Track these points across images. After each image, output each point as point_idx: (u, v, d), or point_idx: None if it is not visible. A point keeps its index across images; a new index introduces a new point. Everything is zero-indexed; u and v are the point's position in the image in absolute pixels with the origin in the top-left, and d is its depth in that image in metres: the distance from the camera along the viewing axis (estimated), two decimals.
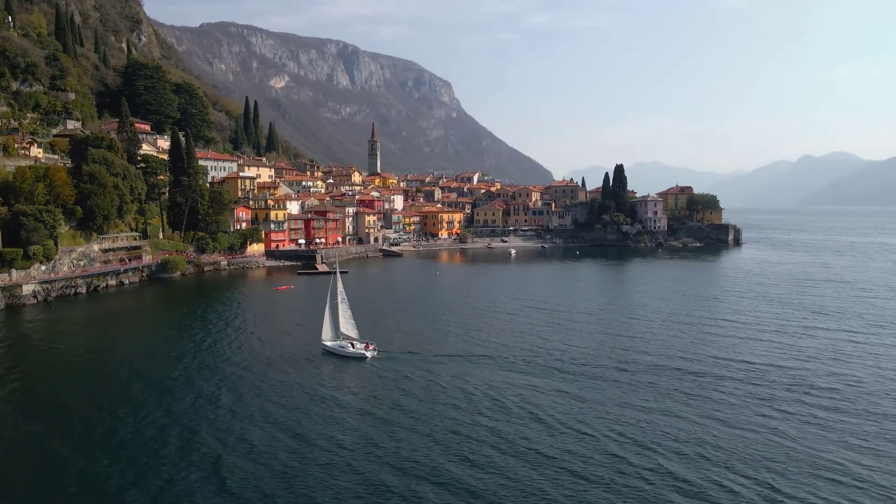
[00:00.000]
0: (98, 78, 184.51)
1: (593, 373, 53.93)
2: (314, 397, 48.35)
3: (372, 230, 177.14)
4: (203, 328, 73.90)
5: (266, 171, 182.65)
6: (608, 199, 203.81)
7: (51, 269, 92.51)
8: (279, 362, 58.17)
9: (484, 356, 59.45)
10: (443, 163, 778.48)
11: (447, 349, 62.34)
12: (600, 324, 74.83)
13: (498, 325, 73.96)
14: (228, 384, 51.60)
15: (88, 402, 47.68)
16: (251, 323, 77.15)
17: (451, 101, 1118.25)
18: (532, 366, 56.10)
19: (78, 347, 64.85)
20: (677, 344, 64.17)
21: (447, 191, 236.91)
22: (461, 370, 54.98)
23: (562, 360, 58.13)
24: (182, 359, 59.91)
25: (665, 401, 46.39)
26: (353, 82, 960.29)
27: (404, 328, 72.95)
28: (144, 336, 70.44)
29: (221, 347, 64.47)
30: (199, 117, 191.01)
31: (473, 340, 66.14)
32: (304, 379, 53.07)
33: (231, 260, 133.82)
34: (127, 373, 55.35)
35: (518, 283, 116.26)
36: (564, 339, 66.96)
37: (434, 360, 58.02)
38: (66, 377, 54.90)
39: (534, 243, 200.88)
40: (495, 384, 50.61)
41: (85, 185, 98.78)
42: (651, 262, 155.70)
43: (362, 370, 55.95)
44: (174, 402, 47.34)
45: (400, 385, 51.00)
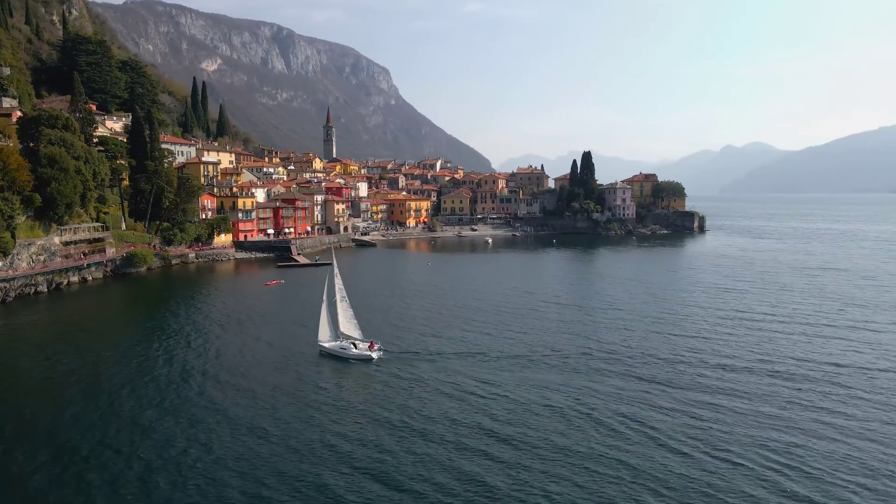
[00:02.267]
0: (32, 52, 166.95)
1: (631, 371, 50.11)
2: (317, 405, 43.11)
3: (341, 219, 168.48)
4: (194, 331, 65.20)
5: (226, 156, 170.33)
6: (577, 186, 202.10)
7: (8, 265, 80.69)
8: (275, 367, 51.88)
9: (512, 357, 54.20)
10: (382, 150, 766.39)
11: (458, 347, 57.28)
12: (633, 319, 70.71)
13: (520, 322, 68.49)
14: (221, 395, 45.25)
15: (56, 418, 41.32)
16: (246, 323, 69.08)
17: (389, 87, 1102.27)
18: (573, 365, 51.78)
19: (45, 357, 55.52)
20: (734, 343, 60.88)
21: (410, 178, 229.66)
22: (479, 371, 50.24)
23: (593, 356, 54.29)
24: (162, 367, 51.98)
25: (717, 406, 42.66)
26: (288, 67, 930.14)
27: (409, 325, 67.16)
28: (119, 342, 60.32)
29: (216, 353, 56.70)
30: (149, 97, 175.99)
31: (489, 338, 60.77)
32: (305, 386, 47.31)
33: (199, 252, 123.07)
34: (102, 385, 47.61)
35: (516, 273, 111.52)
36: (594, 335, 62.57)
37: (447, 360, 53.13)
38: (33, 391, 46.94)
39: (504, 231, 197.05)
40: (533, 387, 46.08)
41: (44, 169, 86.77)
42: (631, 250, 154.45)
43: (369, 373, 50.30)
44: (154, 419, 40.84)
45: (414, 389, 45.95)
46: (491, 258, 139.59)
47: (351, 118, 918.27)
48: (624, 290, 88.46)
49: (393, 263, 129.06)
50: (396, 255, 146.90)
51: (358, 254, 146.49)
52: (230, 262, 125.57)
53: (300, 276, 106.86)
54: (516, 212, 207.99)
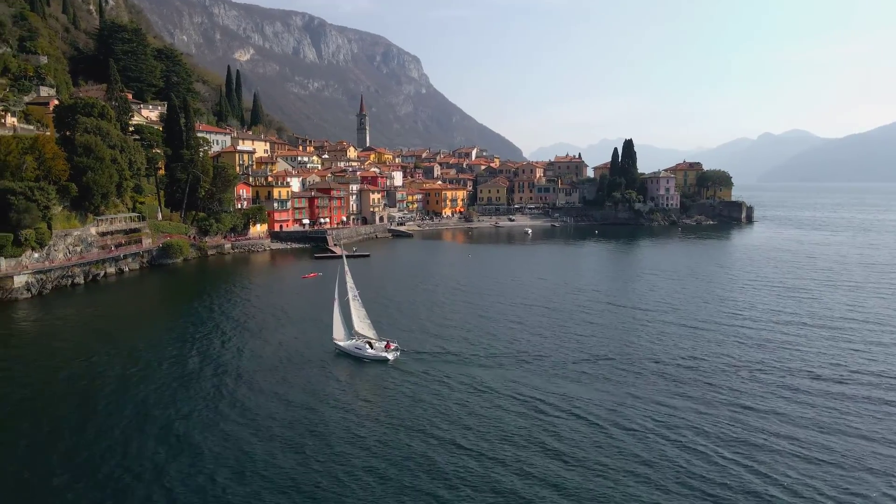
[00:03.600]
0: (69, 41, 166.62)
1: (703, 388, 44.81)
2: (326, 409, 40.63)
3: (377, 209, 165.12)
4: (227, 328, 62.33)
5: (261, 145, 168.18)
6: (618, 175, 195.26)
7: (45, 256, 78.97)
8: (290, 368, 48.90)
9: (554, 363, 49.61)
10: (413, 139, 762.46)
11: (493, 350, 52.99)
12: (694, 323, 65.59)
13: (569, 324, 63.76)
14: (240, 393, 43.59)
15: (89, 412, 40.66)
16: (279, 318, 65.98)
17: (419, 76, 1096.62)
18: (630, 373, 46.97)
19: (81, 352, 53.54)
20: (817, 356, 55.47)
21: (445, 167, 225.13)
22: (509, 376, 46.19)
23: (656, 363, 49.35)
24: (193, 369, 49.32)
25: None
26: (320, 56, 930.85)
27: (440, 324, 62.94)
28: (150, 338, 58.07)
29: (242, 352, 54.02)
30: (184, 86, 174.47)
31: (533, 341, 56.02)
32: (316, 386, 44.84)
33: (235, 243, 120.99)
34: (130, 388, 45.11)
35: (558, 267, 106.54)
36: (656, 340, 57.64)
37: (473, 363, 49.16)
38: (68, 386, 45.44)
39: (542, 222, 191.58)
40: (573, 399, 41.67)
41: (79, 158, 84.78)
42: (677, 242, 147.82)
43: (383, 375, 47.02)
44: (185, 417, 39.46)
45: (424, 400, 41.99)
46: (531, 250, 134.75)
47: (382, 107, 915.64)
48: (678, 288, 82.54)
49: (430, 255, 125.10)
50: (433, 246, 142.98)
51: (394, 245, 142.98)
52: (266, 253, 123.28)
53: (338, 268, 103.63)
54: (555, 202, 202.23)
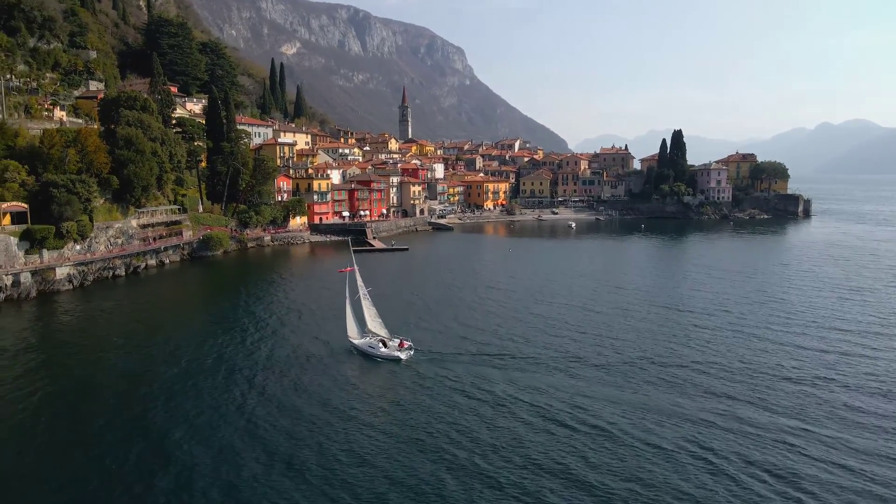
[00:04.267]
0: (118, 36, 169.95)
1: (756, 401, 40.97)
2: (325, 411, 39.32)
3: (417, 201, 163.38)
4: (261, 323, 61.61)
5: (302, 137, 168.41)
6: (666, 167, 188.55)
7: (86, 248, 79.79)
8: (306, 366, 47.90)
9: (582, 367, 46.80)
10: (457, 131, 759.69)
11: (517, 353, 50.15)
12: (749, 328, 61.36)
13: (605, 325, 60.44)
14: (253, 387, 43.53)
15: (125, 404, 41.15)
16: (307, 313, 64.93)
17: (464, 68, 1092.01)
18: (671, 384, 43.38)
19: (118, 345, 53.88)
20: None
21: (488, 159, 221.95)
22: (531, 382, 43.32)
23: (700, 373, 45.57)
24: (223, 359, 49.74)
25: None
26: (364, 49, 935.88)
27: (469, 322, 60.39)
28: (185, 333, 57.95)
29: (266, 345, 53.64)
30: (228, 79, 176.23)
31: (559, 345, 52.62)
32: (323, 387, 43.52)
33: (275, 235, 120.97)
34: (173, 374, 46.12)
35: (601, 263, 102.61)
36: (704, 347, 53.77)
37: (494, 367, 46.59)
38: (107, 377, 46.11)
39: (587, 215, 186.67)
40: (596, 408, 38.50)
41: (120, 151, 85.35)
42: (729, 237, 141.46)
43: (392, 376, 45.40)
44: (218, 408, 39.83)
45: (435, 399, 40.26)
46: (574, 245, 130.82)
47: (425, 99, 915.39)
48: (728, 288, 77.66)
49: (469, 249, 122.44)
50: (474, 239, 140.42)
51: (434, 238, 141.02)
52: (305, 246, 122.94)
53: (375, 262, 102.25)
54: (600, 194, 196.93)
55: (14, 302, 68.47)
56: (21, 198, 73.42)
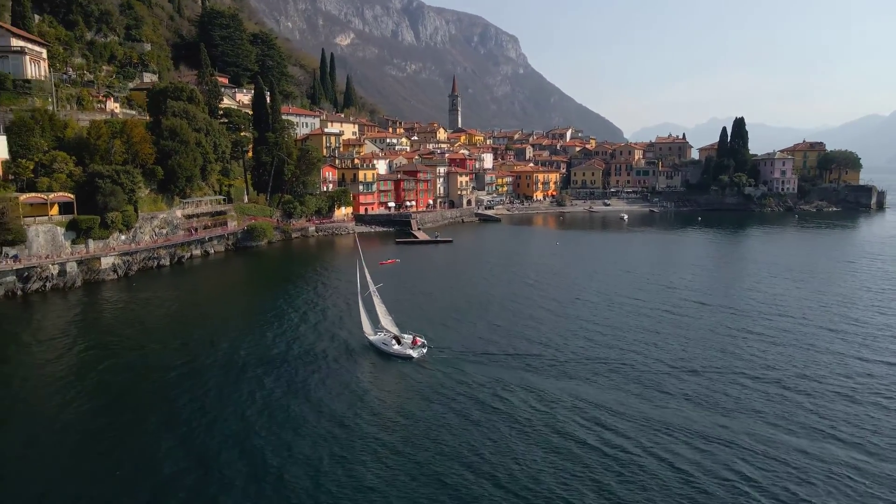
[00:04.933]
0: (173, 29, 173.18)
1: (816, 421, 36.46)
2: (321, 414, 37.81)
3: (464, 192, 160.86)
4: (287, 314, 60.82)
5: (349, 127, 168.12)
6: (726, 156, 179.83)
7: (131, 238, 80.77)
8: (322, 359, 47.00)
9: (603, 371, 43.55)
10: (510, 120, 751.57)
11: (542, 356, 46.89)
12: (812, 335, 56.44)
13: (643, 327, 56.59)
14: (257, 387, 41.99)
15: (160, 395, 41.09)
16: (334, 308, 63.02)
17: (517, 56, 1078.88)
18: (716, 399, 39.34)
19: (159, 335, 53.71)
20: None
21: (538, 148, 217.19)
22: (553, 390, 40.09)
23: (759, 388, 41.21)
24: (247, 352, 48.87)
25: None
26: (417, 38, 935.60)
27: (501, 321, 57.24)
28: (220, 326, 57.16)
29: (286, 338, 52.50)
30: (278, 70, 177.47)
31: (593, 348, 49.13)
32: (331, 385, 42.12)
33: (319, 226, 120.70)
34: (207, 366, 45.81)
35: (653, 258, 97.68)
36: (762, 356, 49.24)
37: (514, 370, 43.77)
38: (147, 368, 45.77)
39: (640, 207, 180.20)
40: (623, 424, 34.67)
41: (165, 141, 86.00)
42: (793, 231, 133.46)
43: (400, 377, 43.34)
44: (254, 397, 39.93)
45: (441, 404, 38.09)
46: (625, 238, 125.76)
47: (478, 88, 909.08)
48: (790, 288, 71.91)
49: (515, 242, 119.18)
50: (521, 231, 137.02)
51: (481, 230, 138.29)
52: (349, 237, 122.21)
53: (417, 255, 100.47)
54: (654, 185, 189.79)
55: (60, 291, 69.66)
56: (68, 188, 74.66)
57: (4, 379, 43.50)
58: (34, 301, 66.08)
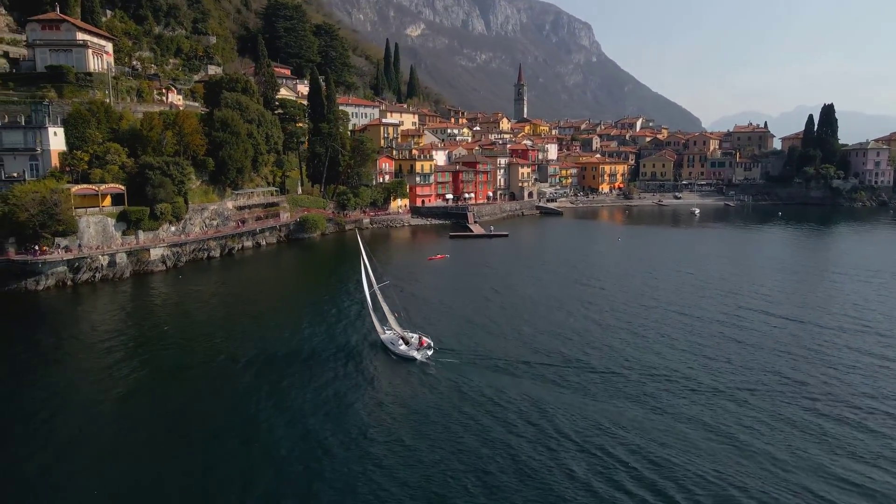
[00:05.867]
0: (240, 21, 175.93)
1: None
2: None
3: (526, 184, 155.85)
4: (317, 308, 59.53)
5: (409, 117, 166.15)
6: (812, 147, 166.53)
7: (181, 229, 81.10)
8: (333, 358, 45.21)
9: (620, 389, 38.41)
10: (581, 110, 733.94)
11: (566, 364, 42.95)
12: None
13: (707, 341, 50.53)
14: (259, 383, 40.44)
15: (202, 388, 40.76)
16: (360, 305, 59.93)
17: (590, 44, 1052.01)
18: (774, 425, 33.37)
19: (204, 328, 53.42)
20: None
21: (606, 139, 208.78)
22: (566, 405, 36.03)
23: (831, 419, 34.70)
24: (300, 344, 48.30)
25: None
26: (488, 28, 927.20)
27: (528, 325, 52.79)
28: (274, 313, 57.03)
29: (305, 335, 51.12)
30: (340, 61, 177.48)
31: (627, 360, 43.96)
32: (331, 386, 40.38)
33: (374, 217, 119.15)
34: (249, 361, 44.97)
35: (722, 257, 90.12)
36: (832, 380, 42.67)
37: (524, 378, 40.34)
38: (189, 361, 45.45)
39: (714, 200, 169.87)
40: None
41: (216, 133, 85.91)
42: (888, 228, 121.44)
43: (400, 380, 40.94)
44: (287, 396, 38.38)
45: (438, 413, 35.34)
46: (695, 234, 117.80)
47: (549, 78, 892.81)
48: (874, 296, 63.28)
49: (574, 237, 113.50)
50: (582, 226, 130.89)
51: (540, 224, 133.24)
52: (404, 229, 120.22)
53: (470, 249, 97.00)
54: (730, 177, 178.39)
55: (109, 281, 70.41)
56: (120, 180, 75.43)
57: (56, 369, 43.77)
58: (84, 292, 66.91)
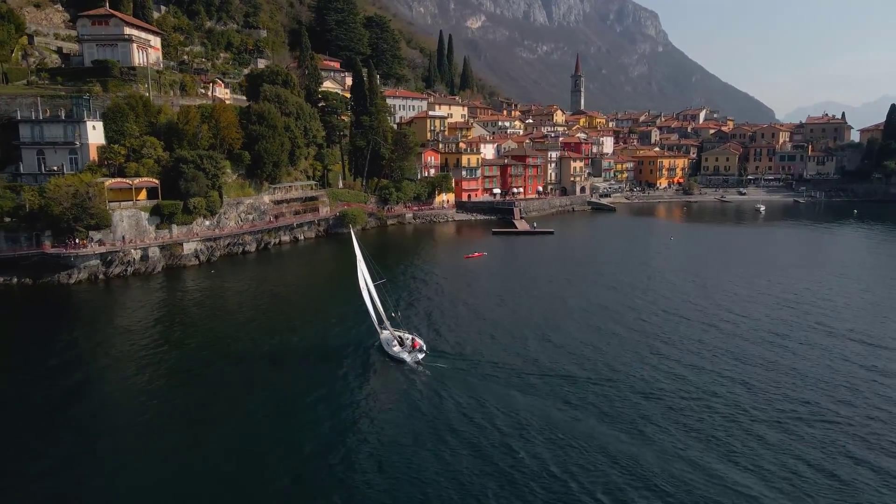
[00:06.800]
0: (292, 15, 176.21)
1: None
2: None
3: (578, 178, 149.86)
4: (335, 306, 57.69)
5: (458, 109, 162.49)
6: (894, 139, 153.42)
7: (215, 224, 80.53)
8: (337, 357, 44.30)
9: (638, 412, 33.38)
10: (645, 102, 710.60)
11: (566, 376, 39.74)
12: None
13: (742, 360, 45.03)
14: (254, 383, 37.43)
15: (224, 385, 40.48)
16: (395, 302, 57.28)
17: (657, 33, 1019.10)
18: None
19: (227, 326, 52.53)
20: None
21: (666, 131, 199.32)
22: (561, 425, 32.69)
23: None
24: (283, 346, 46.26)
25: None
26: (550, 19, 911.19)
27: (533, 333, 48.92)
28: (301, 311, 56.50)
29: (316, 333, 49.87)
30: (391, 53, 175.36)
31: (642, 378, 39.59)
32: (319, 386, 40.03)
33: (417, 212, 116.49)
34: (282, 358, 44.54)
35: (785, 261, 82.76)
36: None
37: (515, 389, 37.54)
38: (212, 358, 45.15)
39: (782, 196, 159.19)
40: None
41: (253, 126, 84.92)
42: None
43: (383, 384, 40.01)
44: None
45: (420, 420, 33.99)
46: (758, 234, 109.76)
47: (612, 69, 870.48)
48: None
49: (624, 236, 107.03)
50: (636, 223, 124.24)
51: (590, 221, 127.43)
52: (448, 225, 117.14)
53: (512, 247, 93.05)
54: (801, 172, 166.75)
55: (141, 276, 70.31)
56: (155, 173, 75.32)
57: (82, 362, 43.98)
58: (115, 286, 66.94)
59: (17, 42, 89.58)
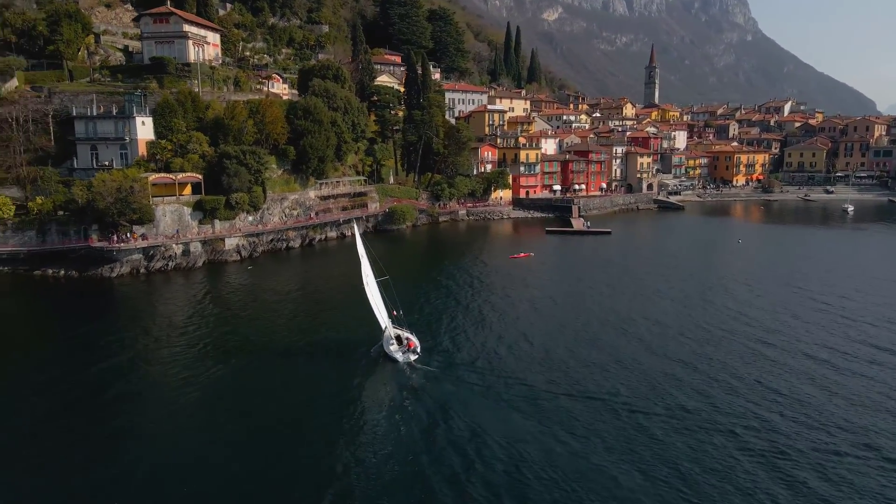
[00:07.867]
0: (357, 10, 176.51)
1: None
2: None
3: (645, 175, 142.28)
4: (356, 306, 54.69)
5: (520, 103, 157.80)
6: None
7: (258, 219, 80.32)
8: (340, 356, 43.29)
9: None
10: (732, 94, 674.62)
11: (570, 388, 36.63)
12: None
13: (793, 385, 38.82)
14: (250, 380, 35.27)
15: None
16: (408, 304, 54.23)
17: (746, 21, 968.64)
18: None
19: (265, 323, 51.63)
20: None
21: (745, 125, 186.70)
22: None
23: None
24: (290, 344, 45.37)
25: None
26: (630, 9, 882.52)
27: (544, 342, 45.17)
28: (339, 314, 54.59)
29: (322, 334, 48.65)
30: (454, 46, 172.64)
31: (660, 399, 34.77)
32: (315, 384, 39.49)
33: (471, 209, 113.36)
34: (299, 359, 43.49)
35: (867, 271, 73.46)
36: None
37: (510, 407, 34.32)
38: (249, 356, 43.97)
39: (875, 196, 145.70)
40: None
41: (299, 121, 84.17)
42: None
43: (371, 380, 39.41)
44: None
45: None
46: (842, 238, 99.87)
47: (696, 60, 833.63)
48: None
49: (686, 237, 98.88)
50: (705, 224, 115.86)
51: (654, 220, 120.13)
52: (503, 222, 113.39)
53: (563, 247, 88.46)
54: None
55: (182, 270, 70.65)
56: (199, 168, 75.71)
57: (123, 354, 44.16)
58: (156, 280, 67.48)
59: (83, 41, 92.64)
